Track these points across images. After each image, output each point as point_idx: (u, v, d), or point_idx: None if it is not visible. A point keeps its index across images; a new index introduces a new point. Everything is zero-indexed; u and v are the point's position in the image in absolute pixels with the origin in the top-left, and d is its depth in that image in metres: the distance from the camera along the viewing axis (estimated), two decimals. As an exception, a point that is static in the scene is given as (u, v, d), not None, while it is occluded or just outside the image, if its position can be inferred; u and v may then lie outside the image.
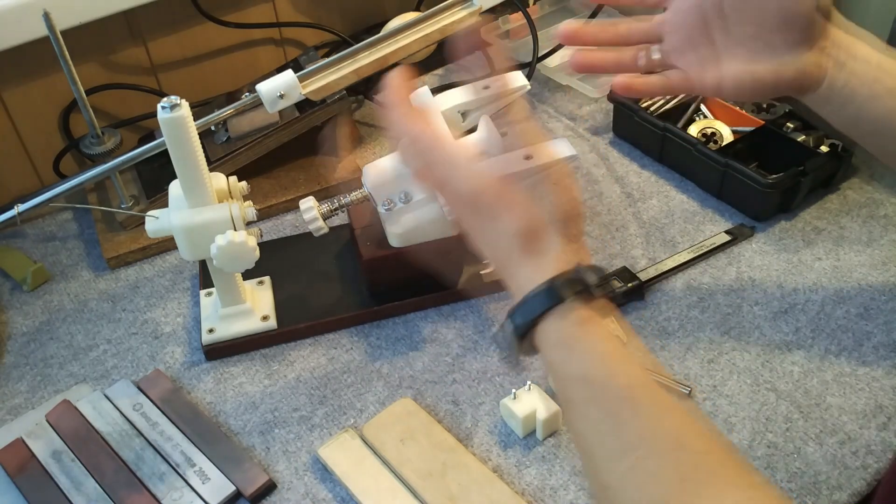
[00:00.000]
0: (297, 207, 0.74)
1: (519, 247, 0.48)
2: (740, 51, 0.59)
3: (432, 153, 0.51)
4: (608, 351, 0.45)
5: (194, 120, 0.63)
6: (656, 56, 0.63)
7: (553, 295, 0.46)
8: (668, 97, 0.95)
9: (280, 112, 0.86)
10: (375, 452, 0.65)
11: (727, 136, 0.90)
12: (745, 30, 0.58)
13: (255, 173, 0.90)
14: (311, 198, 0.72)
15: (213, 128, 0.88)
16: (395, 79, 0.55)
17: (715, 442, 0.44)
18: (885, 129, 0.60)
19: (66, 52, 0.75)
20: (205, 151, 0.65)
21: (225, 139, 0.88)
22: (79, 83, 0.77)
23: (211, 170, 0.67)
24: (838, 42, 0.58)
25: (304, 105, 0.86)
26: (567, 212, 0.49)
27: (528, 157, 0.70)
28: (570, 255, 0.47)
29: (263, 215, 0.89)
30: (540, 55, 1.03)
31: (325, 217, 0.73)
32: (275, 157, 0.90)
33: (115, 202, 0.89)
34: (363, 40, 0.78)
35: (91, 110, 0.80)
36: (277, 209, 0.90)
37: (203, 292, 0.78)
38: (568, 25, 0.64)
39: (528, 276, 0.47)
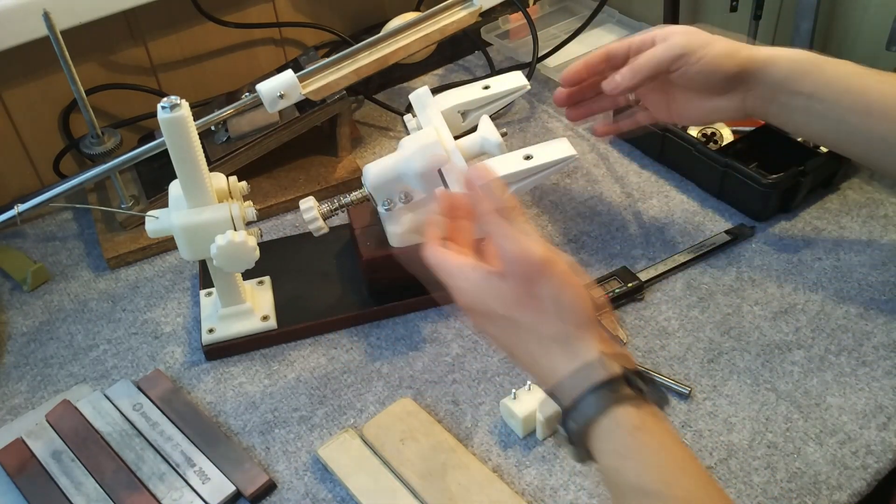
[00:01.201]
0: (297, 207, 0.74)
1: (562, 350, 0.48)
2: (691, 96, 0.74)
3: (492, 224, 0.50)
4: (664, 461, 0.45)
5: (194, 120, 0.63)
6: (631, 95, 0.79)
7: (603, 399, 0.45)
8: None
9: (280, 112, 0.86)
10: (375, 452, 0.65)
11: (727, 136, 0.90)
12: (692, 89, 0.74)
13: (255, 173, 0.90)
14: (311, 198, 0.73)
15: (212, 128, 0.88)
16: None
17: None
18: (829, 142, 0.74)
19: (66, 52, 0.75)
20: (205, 151, 0.65)
21: (225, 139, 0.88)
22: (79, 83, 0.77)
23: (211, 170, 0.67)
24: (764, 83, 0.70)
25: (304, 105, 0.86)
26: (594, 309, 0.48)
27: (527, 158, 0.70)
28: (613, 359, 0.47)
29: (263, 215, 0.89)
30: (540, 55, 1.03)
31: (325, 217, 0.73)
32: (275, 157, 0.90)
33: (115, 202, 0.89)
34: (363, 40, 0.78)
35: (91, 110, 0.80)
36: (277, 209, 0.90)
37: (203, 292, 0.78)
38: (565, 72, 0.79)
39: (573, 379, 0.47)
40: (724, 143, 0.90)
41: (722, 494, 0.46)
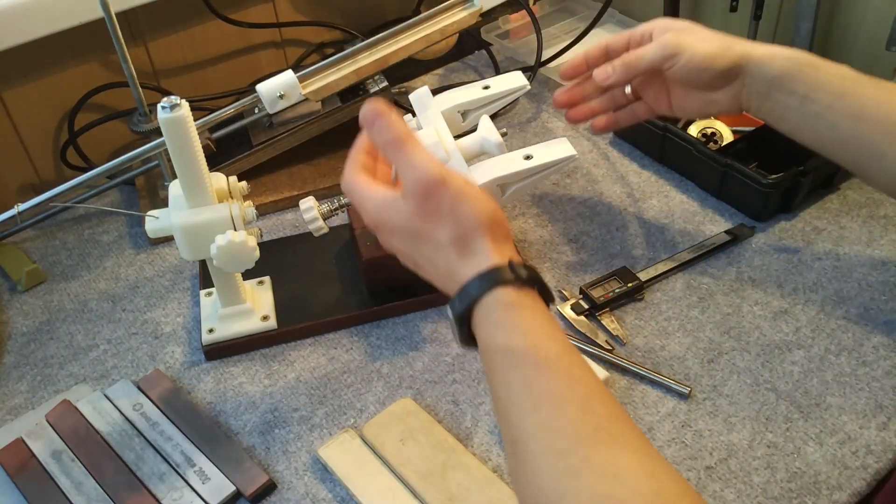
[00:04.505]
0: (336, 194, 0.73)
1: (457, 250, 0.53)
2: (688, 90, 0.75)
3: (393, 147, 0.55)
4: (532, 328, 0.50)
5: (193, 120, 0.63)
6: (628, 90, 0.79)
7: (487, 282, 0.51)
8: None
9: (322, 100, 0.86)
10: (375, 452, 0.65)
11: (727, 136, 0.90)
12: (687, 84, 0.75)
13: (295, 161, 0.92)
14: (310, 198, 0.72)
15: (256, 109, 0.88)
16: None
17: (621, 413, 0.48)
18: (820, 146, 0.70)
19: (119, 33, 0.74)
20: (248, 136, 0.64)
21: (268, 124, 0.88)
22: (130, 64, 0.77)
23: (254, 153, 0.66)
24: (759, 79, 0.70)
25: (346, 94, 0.87)
26: (491, 215, 0.54)
27: (527, 158, 0.70)
28: (502, 254, 0.53)
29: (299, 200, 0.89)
30: (542, 60, 1.03)
31: (325, 217, 0.73)
32: (316, 145, 0.91)
33: (159, 180, 0.89)
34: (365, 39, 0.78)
35: (140, 88, 0.79)
36: (316, 196, 0.90)
37: (203, 292, 0.78)
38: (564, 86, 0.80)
39: (466, 274, 0.53)
40: (724, 143, 0.90)
41: (586, 365, 0.50)
